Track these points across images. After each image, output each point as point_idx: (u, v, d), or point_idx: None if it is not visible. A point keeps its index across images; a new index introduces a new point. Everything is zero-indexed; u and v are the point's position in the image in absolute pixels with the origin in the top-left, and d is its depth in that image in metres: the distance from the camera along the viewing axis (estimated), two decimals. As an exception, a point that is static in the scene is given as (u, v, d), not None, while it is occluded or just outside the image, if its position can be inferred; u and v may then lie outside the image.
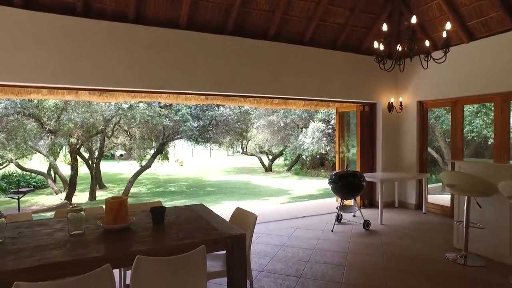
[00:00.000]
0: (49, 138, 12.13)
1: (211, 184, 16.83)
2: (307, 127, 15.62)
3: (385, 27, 3.33)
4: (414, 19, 3.08)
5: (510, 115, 5.05)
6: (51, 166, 15.05)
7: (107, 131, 13.00)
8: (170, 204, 11.89)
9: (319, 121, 15.14)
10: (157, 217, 2.53)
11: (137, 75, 4.63)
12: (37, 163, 15.79)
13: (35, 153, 13.61)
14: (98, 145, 13.58)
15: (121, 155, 24.38)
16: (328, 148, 15.11)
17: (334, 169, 18.30)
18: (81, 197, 13.64)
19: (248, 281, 2.48)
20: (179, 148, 29.56)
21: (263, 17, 5.34)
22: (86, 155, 13.94)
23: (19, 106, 10.36)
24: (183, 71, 4.89)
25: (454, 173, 4.01)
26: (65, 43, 4.20)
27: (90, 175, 13.51)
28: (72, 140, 11.99)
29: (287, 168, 21.86)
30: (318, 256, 4.13)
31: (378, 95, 6.69)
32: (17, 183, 15.05)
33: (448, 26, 3.04)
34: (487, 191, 3.55)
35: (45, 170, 15.63)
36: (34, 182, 16.42)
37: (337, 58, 6.18)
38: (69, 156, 13.57)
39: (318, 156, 18.09)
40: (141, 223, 2.56)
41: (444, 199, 6.53)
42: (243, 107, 15.16)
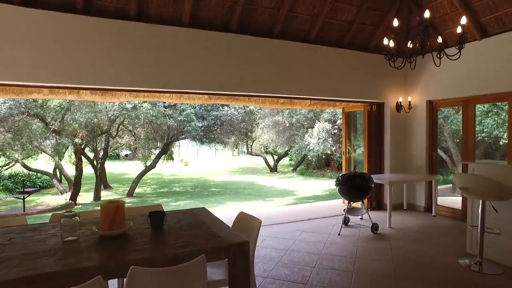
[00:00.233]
0: (54, 138, 12.13)
1: (216, 184, 16.73)
2: (312, 127, 15.44)
3: (396, 22, 3.17)
4: (427, 14, 2.92)
5: (525, 115, 4.85)
6: (56, 166, 15.08)
7: (111, 131, 12.96)
8: (174, 204, 11.81)
9: (325, 121, 14.96)
10: (155, 222, 2.40)
11: (139, 74, 4.52)
12: (43, 163, 15.83)
13: (41, 153, 13.64)
14: (103, 145, 13.55)
15: (126, 155, 24.43)
16: (334, 149, 14.92)
17: (340, 169, 18.17)
18: (86, 197, 13.62)
19: (251, 290, 2.35)
20: (184, 148, 29.54)
21: (268, 14, 5.20)
22: (91, 155, 13.93)
23: (23, 106, 10.34)
24: (186, 70, 4.77)
25: (468, 175, 3.83)
26: (65, 42, 4.10)
27: (95, 175, 13.50)
28: (76, 140, 11.98)
29: (292, 168, 21.70)
30: (325, 261, 3.98)
31: (386, 94, 6.52)
32: (23, 183, 15.09)
33: (464, 20, 2.86)
34: (504, 194, 3.37)
35: (50, 170, 15.67)
36: (40, 182, 16.47)
37: (344, 56, 6.02)
38: (73, 156, 13.56)
39: (324, 157, 17.90)
40: (139, 228, 2.43)
41: (455, 201, 6.35)
42: (248, 107, 15.04)
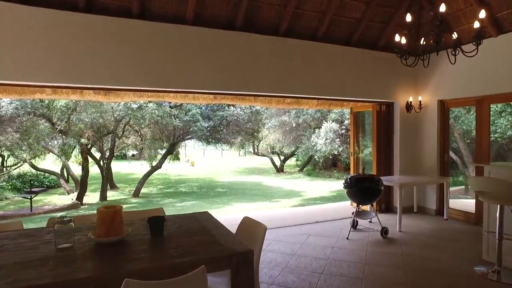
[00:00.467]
0: (61, 138, 12.16)
1: (222, 185, 16.63)
2: (319, 128, 15.25)
3: (409, 17, 3.01)
4: (442, 7, 2.75)
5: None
6: (64, 166, 15.14)
7: (117, 131, 12.94)
8: (180, 205, 11.74)
9: (332, 121, 14.75)
10: (155, 228, 2.28)
11: (142, 73, 4.42)
12: (50, 163, 15.92)
13: (48, 153, 13.70)
14: (109, 145, 13.55)
15: (133, 155, 24.49)
16: (341, 149, 14.70)
17: (347, 170, 17.95)
18: (92, 197, 13.64)
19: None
20: (190, 148, 29.52)
21: (274, 11, 5.06)
22: (98, 155, 13.94)
23: (29, 106, 10.35)
24: (190, 69, 4.65)
25: (484, 178, 3.65)
26: (67, 40, 4.01)
27: (101, 175, 13.50)
28: (82, 140, 11.98)
29: (299, 169, 21.52)
30: (333, 267, 3.83)
31: (396, 94, 6.33)
32: (30, 182, 15.18)
33: (483, 14, 2.69)
34: (523, 199, 3.19)
35: (58, 170, 15.75)
36: (48, 182, 16.57)
37: (352, 55, 5.85)
38: (80, 156, 13.58)
39: (331, 157, 17.69)
40: (137, 234, 2.32)
41: (467, 204, 6.14)
42: (254, 107, 14.91)
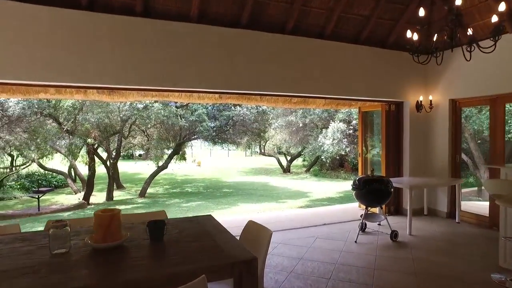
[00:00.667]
0: (67, 138, 12.21)
1: (228, 185, 16.55)
2: (327, 128, 15.07)
3: (422, 12, 2.86)
4: (458, 0, 2.60)
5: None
6: (71, 166, 15.22)
7: (123, 131, 12.95)
8: (186, 205, 11.68)
9: (340, 121, 14.56)
10: (154, 233, 2.18)
11: (146, 72, 4.33)
12: (58, 162, 16.02)
13: (56, 153, 13.78)
14: (116, 145, 13.57)
15: (140, 155, 24.58)
16: (349, 150, 14.51)
17: (354, 171, 17.73)
18: (99, 197, 13.67)
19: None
20: (197, 148, 29.52)
21: (281, 9, 4.94)
22: (104, 155, 13.97)
23: (36, 106, 10.38)
24: (194, 68, 4.56)
25: (501, 181, 3.48)
26: (69, 39, 3.94)
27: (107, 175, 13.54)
28: (89, 140, 12.00)
29: (305, 169, 21.36)
30: (341, 272, 3.69)
31: (406, 93, 6.16)
32: (38, 182, 15.29)
33: (503, 6, 2.52)
34: (543, 203, 3.03)
35: (65, 170, 15.84)
36: (55, 182, 16.69)
37: (361, 53, 5.69)
38: (86, 156, 13.62)
39: (338, 157, 17.50)
40: (137, 239, 2.22)
41: (480, 207, 5.94)
42: (260, 106, 14.79)
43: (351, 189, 4.92)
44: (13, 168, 15.98)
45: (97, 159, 13.47)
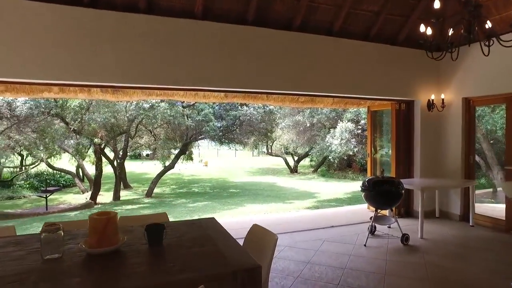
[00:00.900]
0: (75, 138, 12.25)
1: (235, 185, 16.45)
2: (334, 128, 14.86)
3: (437, 3, 2.70)
4: (477, -9, 2.44)
5: None
6: (79, 166, 15.30)
7: (130, 131, 12.94)
8: (192, 205, 11.60)
9: (348, 121, 14.34)
10: (153, 237, 2.07)
11: (149, 70, 4.24)
12: (66, 162, 16.13)
13: (63, 152, 13.86)
14: (123, 145, 13.58)
15: (147, 155, 24.66)
16: (357, 150, 14.28)
17: (362, 171, 17.48)
18: (106, 196, 13.70)
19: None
20: (204, 148, 29.50)
21: (288, 5, 4.80)
22: (112, 155, 13.99)
23: (43, 106, 10.41)
24: (199, 66, 4.45)
25: (520, 183, 3.30)
26: (71, 36, 3.87)
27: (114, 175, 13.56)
28: (96, 140, 12.01)
29: (313, 169, 21.16)
30: (350, 278, 3.54)
31: (416, 91, 5.97)
32: (46, 181, 15.40)
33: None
34: None
35: (73, 170, 15.93)
36: (63, 181, 16.81)
37: (370, 50, 5.52)
38: (93, 156, 13.66)
39: (346, 158, 17.26)
40: (134, 244, 2.11)
41: (495, 209, 5.72)
42: (267, 106, 14.65)
43: (360, 190, 4.76)
44: (23, 168, 16.17)
45: (104, 159, 13.50)
